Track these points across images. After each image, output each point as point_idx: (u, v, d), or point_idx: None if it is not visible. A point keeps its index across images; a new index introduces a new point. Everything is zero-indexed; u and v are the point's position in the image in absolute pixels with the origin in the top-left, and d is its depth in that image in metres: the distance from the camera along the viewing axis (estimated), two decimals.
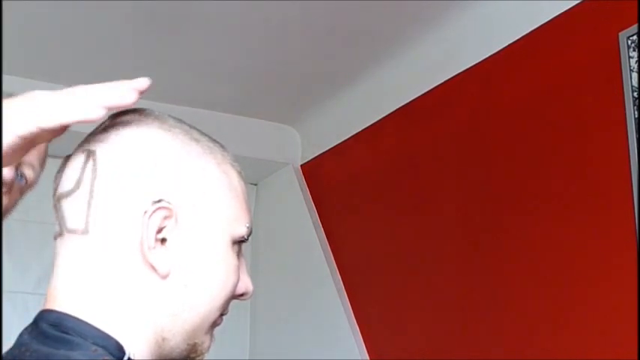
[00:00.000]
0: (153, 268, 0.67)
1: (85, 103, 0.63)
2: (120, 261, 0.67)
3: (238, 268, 0.73)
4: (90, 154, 0.69)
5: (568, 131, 1.66)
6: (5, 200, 0.66)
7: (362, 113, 2.44)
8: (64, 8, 1.95)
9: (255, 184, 2.99)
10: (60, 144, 0.73)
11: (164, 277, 0.67)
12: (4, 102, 0.62)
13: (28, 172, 0.70)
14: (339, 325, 2.36)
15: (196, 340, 0.71)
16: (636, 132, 1.47)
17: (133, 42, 2.16)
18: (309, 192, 2.72)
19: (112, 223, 0.67)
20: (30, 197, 0.73)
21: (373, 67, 2.30)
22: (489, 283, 1.84)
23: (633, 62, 1.50)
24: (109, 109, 0.65)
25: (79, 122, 0.62)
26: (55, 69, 2.31)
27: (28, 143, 0.63)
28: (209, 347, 0.73)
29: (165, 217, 0.67)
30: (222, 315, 0.73)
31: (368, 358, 2.25)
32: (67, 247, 0.69)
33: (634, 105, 1.48)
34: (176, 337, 0.69)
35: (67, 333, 0.64)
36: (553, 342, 1.63)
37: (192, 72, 2.37)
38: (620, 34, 1.53)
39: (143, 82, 0.67)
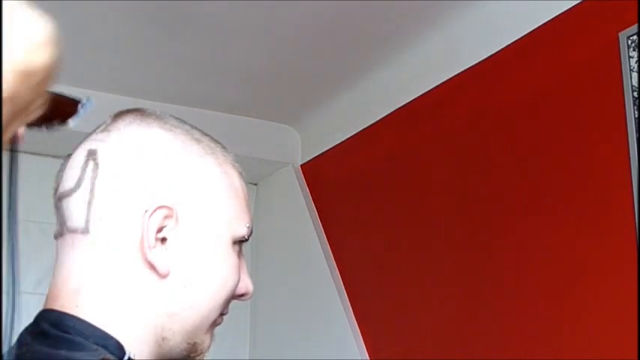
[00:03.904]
0: (153, 267, 0.67)
1: None
2: (120, 260, 0.67)
3: (239, 267, 0.73)
4: (91, 154, 0.69)
5: (568, 131, 1.66)
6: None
7: (362, 113, 2.44)
8: (64, 8, 1.95)
9: (255, 184, 2.99)
10: (60, 144, 0.73)
11: (164, 276, 0.68)
12: None
13: None
14: (339, 325, 2.36)
15: (196, 340, 0.71)
16: (636, 132, 1.47)
17: (133, 42, 2.16)
18: (309, 192, 2.72)
19: (113, 223, 0.67)
20: (30, 197, 0.73)
21: (373, 67, 2.30)
22: (490, 283, 1.84)
23: (633, 62, 1.50)
24: None
25: None
26: None
27: None
28: (209, 346, 0.73)
29: (166, 217, 0.68)
30: (222, 315, 0.73)
31: (368, 358, 2.25)
32: (67, 247, 0.69)
33: (634, 105, 1.48)
34: (176, 337, 0.69)
35: (67, 332, 0.64)
36: (553, 342, 1.63)
37: (193, 72, 2.37)
38: (620, 34, 1.53)
39: None
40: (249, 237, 0.74)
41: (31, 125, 0.57)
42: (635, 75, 1.49)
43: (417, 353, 2.05)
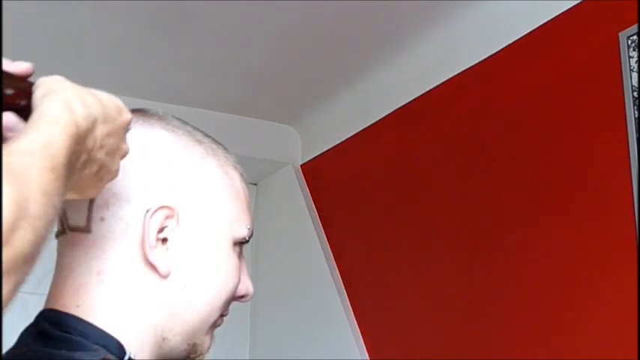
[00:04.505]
0: (153, 267, 0.67)
1: None
2: (121, 260, 0.67)
3: (239, 269, 0.73)
4: None
5: (568, 131, 1.66)
6: None
7: (362, 113, 2.44)
8: (64, 8, 1.95)
9: (255, 184, 2.99)
10: None
11: (164, 276, 0.68)
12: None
13: None
14: (339, 325, 2.36)
15: (196, 341, 0.71)
16: (636, 132, 1.47)
17: (133, 42, 2.16)
18: (309, 192, 2.72)
19: (114, 222, 0.67)
20: None
21: (373, 67, 2.30)
22: (490, 283, 1.84)
23: (633, 62, 1.50)
24: None
25: None
26: (55, 69, 2.30)
27: None
28: (209, 347, 0.73)
29: (167, 217, 0.68)
30: (222, 316, 0.73)
31: (368, 358, 2.25)
32: (68, 246, 0.69)
33: (634, 105, 1.48)
34: (176, 337, 0.69)
35: (68, 332, 0.64)
36: (554, 342, 1.63)
37: (193, 72, 2.37)
38: (620, 34, 1.53)
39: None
40: (249, 238, 0.74)
41: None
42: (635, 75, 1.49)
43: (417, 353, 2.05)
